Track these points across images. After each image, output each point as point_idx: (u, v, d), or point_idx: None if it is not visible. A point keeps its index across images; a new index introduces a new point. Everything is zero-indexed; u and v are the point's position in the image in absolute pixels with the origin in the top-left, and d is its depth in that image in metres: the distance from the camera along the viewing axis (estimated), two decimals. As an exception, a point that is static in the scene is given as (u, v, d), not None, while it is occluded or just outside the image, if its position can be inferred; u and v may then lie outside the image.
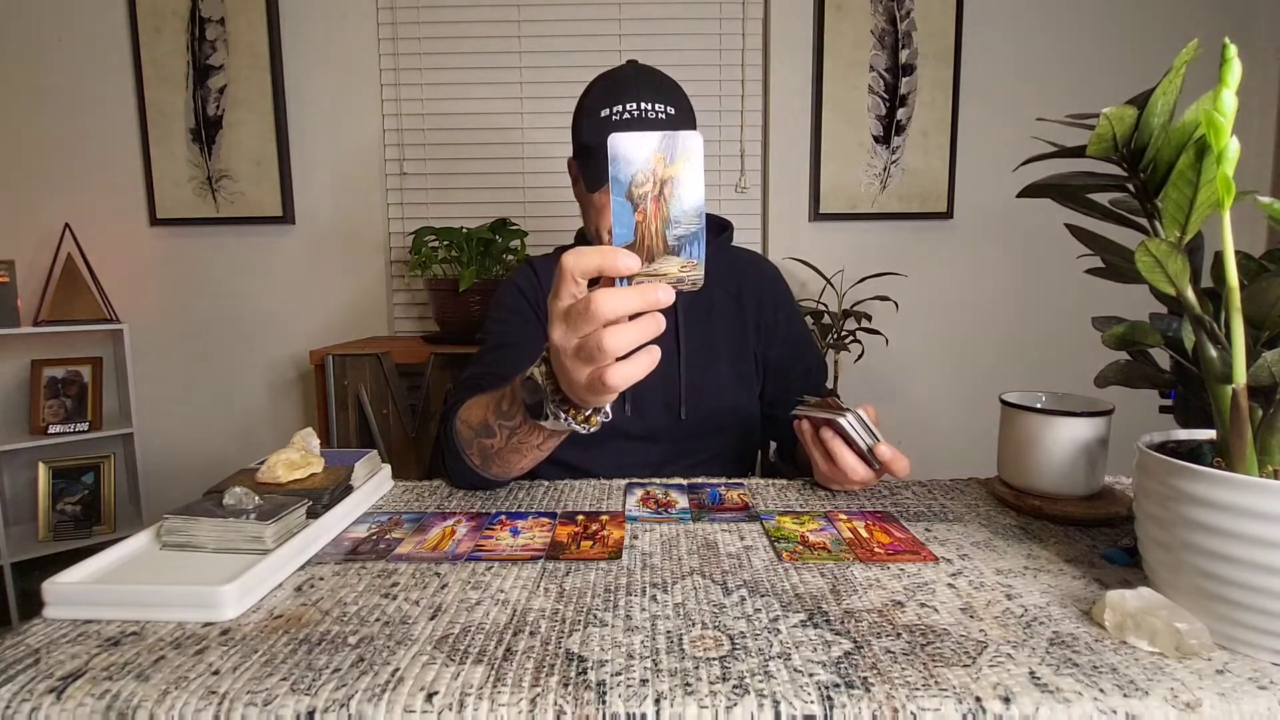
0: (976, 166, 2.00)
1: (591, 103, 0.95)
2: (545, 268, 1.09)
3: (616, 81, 0.95)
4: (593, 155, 0.94)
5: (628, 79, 0.94)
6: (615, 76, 0.96)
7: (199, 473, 2.06)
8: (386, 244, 2.06)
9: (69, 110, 1.96)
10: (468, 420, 0.77)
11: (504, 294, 1.07)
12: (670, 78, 0.98)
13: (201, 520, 0.58)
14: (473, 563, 0.59)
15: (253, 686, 0.40)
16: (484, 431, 0.73)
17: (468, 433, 0.76)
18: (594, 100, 0.95)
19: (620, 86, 0.93)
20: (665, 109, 0.92)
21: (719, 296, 1.05)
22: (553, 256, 1.14)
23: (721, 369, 1.01)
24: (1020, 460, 0.71)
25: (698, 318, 1.03)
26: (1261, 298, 0.45)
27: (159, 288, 2.04)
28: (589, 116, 0.94)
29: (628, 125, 0.91)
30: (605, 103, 0.93)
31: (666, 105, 0.92)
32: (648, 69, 0.97)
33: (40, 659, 0.44)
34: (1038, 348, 2.07)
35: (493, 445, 0.73)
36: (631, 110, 0.91)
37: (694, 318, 1.03)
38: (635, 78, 0.94)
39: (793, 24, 1.96)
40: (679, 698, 0.39)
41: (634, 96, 0.91)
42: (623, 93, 0.92)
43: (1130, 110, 0.48)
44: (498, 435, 0.72)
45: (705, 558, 0.60)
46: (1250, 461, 0.45)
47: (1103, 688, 0.40)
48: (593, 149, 0.94)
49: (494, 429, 0.72)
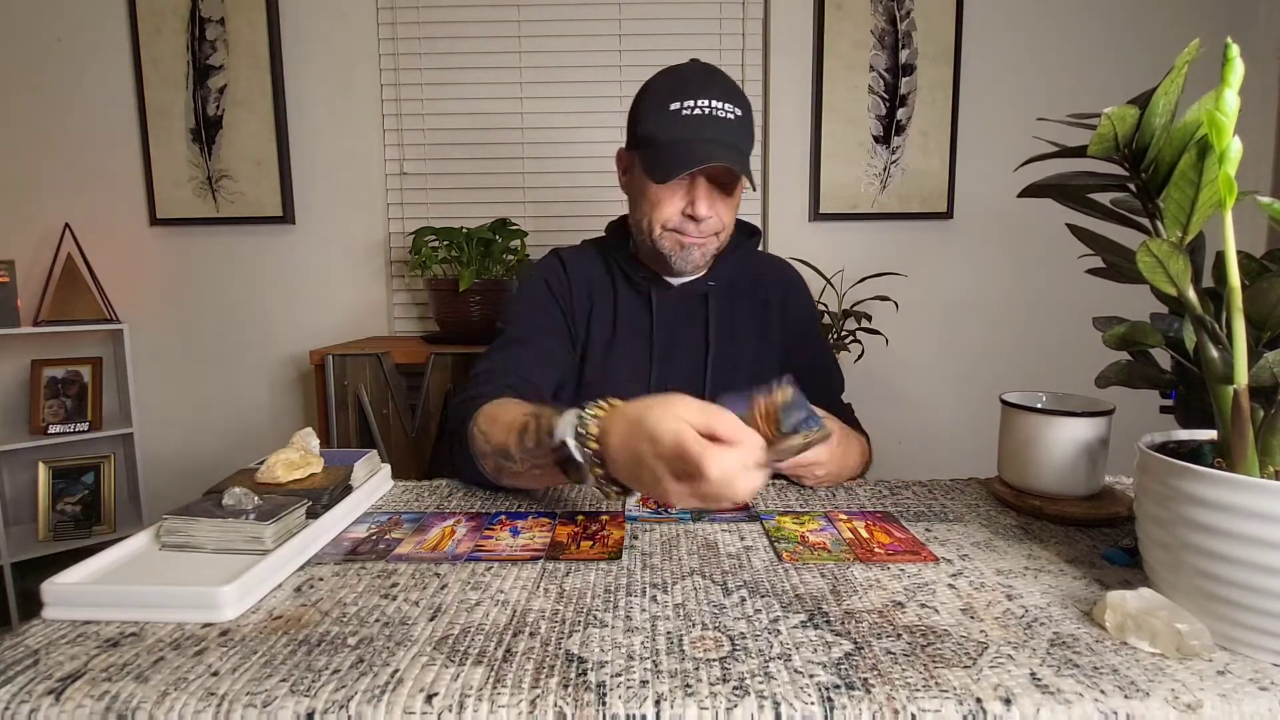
0: (976, 166, 2.00)
1: (658, 95, 0.93)
2: (575, 261, 1.06)
3: (686, 77, 0.93)
4: (659, 147, 0.92)
5: (698, 75, 0.93)
6: (683, 72, 0.95)
7: (199, 473, 2.05)
8: (386, 244, 2.05)
9: (69, 110, 1.95)
10: (488, 435, 0.74)
11: (532, 287, 1.03)
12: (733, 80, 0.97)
13: (201, 520, 0.58)
14: (472, 563, 0.59)
15: (252, 688, 0.40)
16: (504, 455, 0.71)
17: (485, 445, 0.74)
18: (661, 93, 0.93)
19: (690, 82, 0.92)
20: (734, 110, 0.91)
21: (745, 300, 1.06)
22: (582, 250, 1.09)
23: (744, 372, 1.02)
24: (1021, 460, 0.71)
25: (725, 323, 1.04)
26: (1263, 298, 0.45)
27: (159, 288, 2.04)
28: (657, 109, 0.92)
29: (698, 121, 0.90)
30: (675, 97, 0.91)
31: (735, 107, 0.92)
32: (714, 68, 0.96)
33: (39, 660, 0.44)
34: (1038, 348, 2.07)
35: (511, 468, 0.71)
36: (703, 106, 0.90)
37: (722, 323, 1.03)
38: (706, 76, 0.93)
39: (793, 24, 1.96)
40: (679, 699, 0.39)
41: (705, 94, 0.90)
42: (693, 88, 0.91)
43: (1132, 110, 0.48)
44: (518, 463, 0.70)
45: (705, 558, 0.60)
46: (1251, 462, 0.45)
47: (1104, 689, 0.40)
48: (659, 142, 0.92)
49: (515, 457, 0.69)
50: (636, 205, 0.99)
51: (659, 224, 0.96)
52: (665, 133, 0.91)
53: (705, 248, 0.97)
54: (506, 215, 1.91)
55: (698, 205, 0.93)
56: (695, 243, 0.96)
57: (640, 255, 1.03)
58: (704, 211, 0.93)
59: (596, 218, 2.02)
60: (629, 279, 1.03)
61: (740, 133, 0.92)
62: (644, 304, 1.03)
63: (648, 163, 0.94)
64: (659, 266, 1.01)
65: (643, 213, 0.98)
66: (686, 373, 1.00)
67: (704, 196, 0.93)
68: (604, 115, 2.01)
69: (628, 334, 1.01)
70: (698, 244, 0.96)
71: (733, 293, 1.05)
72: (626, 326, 1.02)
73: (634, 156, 0.97)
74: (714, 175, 0.92)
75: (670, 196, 0.94)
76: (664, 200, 0.95)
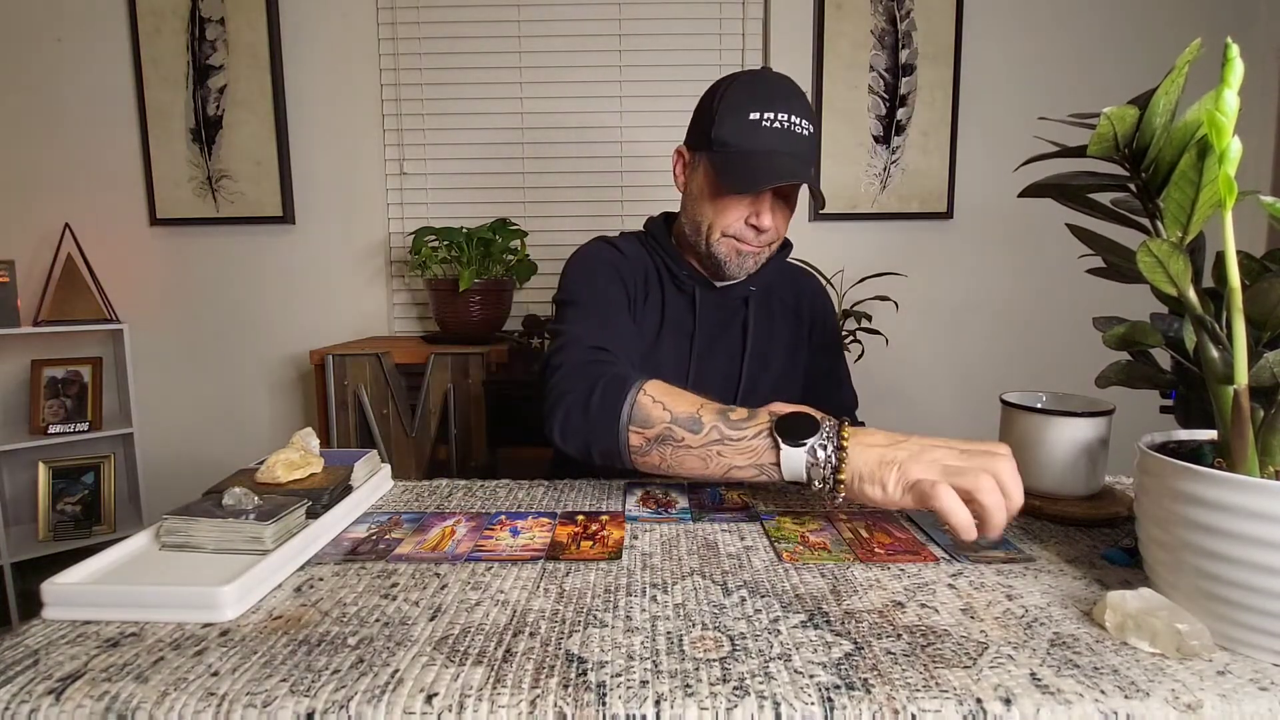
0: (976, 166, 2.00)
1: (739, 102, 0.91)
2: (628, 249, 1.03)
3: (767, 85, 0.92)
4: (735, 155, 0.91)
5: (780, 86, 0.92)
6: (764, 79, 0.94)
7: (199, 473, 2.05)
8: (386, 244, 2.05)
9: (69, 110, 1.95)
10: (664, 403, 0.72)
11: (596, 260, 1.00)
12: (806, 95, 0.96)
13: (201, 520, 0.58)
14: (472, 563, 0.59)
15: (252, 688, 0.40)
16: (691, 424, 0.69)
17: (659, 413, 0.71)
18: (741, 100, 0.91)
19: (772, 91, 0.91)
20: (809, 126, 0.91)
21: (779, 306, 1.07)
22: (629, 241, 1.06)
23: (776, 373, 1.05)
24: (1021, 460, 0.70)
25: (763, 324, 1.05)
26: (1263, 298, 0.45)
27: (159, 288, 2.04)
28: (735, 115, 0.90)
29: (779, 135, 0.89)
30: (756, 106, 0.90)
31: (809, 124, 0.92)
32: (791, 80, 0.95)
33: (39, 660, 0.44)
34: (1038, 348, 2.07)
35: (693, 441, 0.69)
36: (783, 120, 0.89)
37: (760, 324, 1.05)
38: (787, 88, 0.92)
39: (793, 24, 1.96)
40: (679, 699, 0.39)
41: (785, 108, 0.90)
42: (775, 100, 0.90)
43: (1132, 110, 0.48)
44: (704, 433, 0.69)
45: (705, 558, 0.60)
46: (1251, 462, 0.45)
47: (1104, 689, 0.40)
48: (735, 149, 0.91)
49: (706, 426, 0.69)
50: (697, 207, 0.98)
51: (720, 229, 0.95)
52: (744, 141, 0.90)
53: (759, 256, 0.98)
54: (506, 215, 1.91)
55: (763, 217, 0.93)
56: (752, 251, 0.96)
57: (686, 253, 1.03)
58: (768, 223, 0.93)
59: (597, 217, 2.03)
60: (674, 276, 1.03)
61: (813, 151, 0.93)
62: (688, 303, 1.03)
63: (720, 168, 0.92)
64: (706, 267, 1.00)
65: (704, 215, 0.97)
66: (724, 373, 1.02)
67: (771, 208, 0.93)
68: (604, 115, 2.01)
69: (671, 330, 1.02)
70: (754, 253, 0.97)
71: (769, 299, 1.07)
72: (671, 322, 1.02)
73: (701, 158, 0.96)
74: (781, 189, 0.93)
75: (736, 204, 0.94)
76: (730, 207, 0.94)
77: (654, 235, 1.06)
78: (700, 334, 1.01)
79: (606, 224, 2.03)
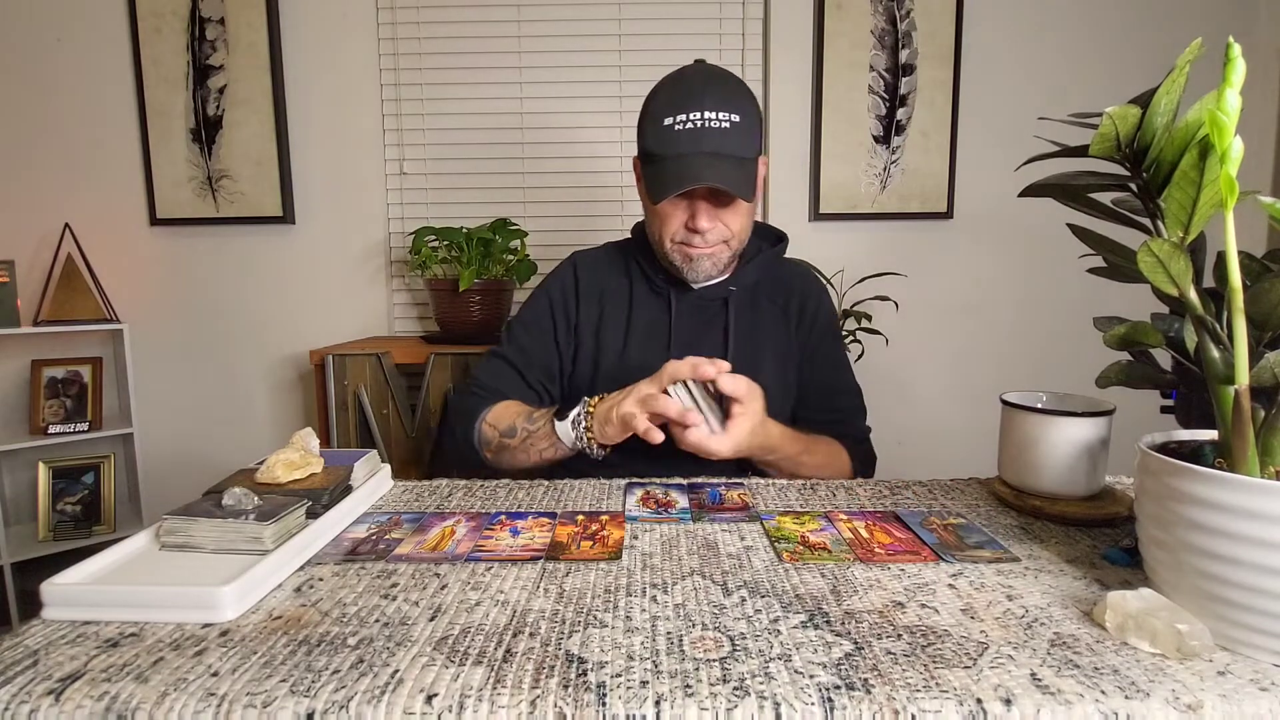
0: (976, 166, 2.00)
1: (657, 109, 0.93)
2: (591, 267, 1.08)
3: (681, 86, 0.92)
4: (656, 164, 0.92)
5: (693, 84, 0.92)
6: (680, 80, 0.94)
7: (199, 473, 2.05)
8: (386, 244, 2.05)
9: (69, 110, 1.95)
10: (495, 424, 0.96)
11: (537, 301, 1.09)
12: (738, 81, 0.95)
13: (200, 521, 0.58)
14: (472, 563, 0.59)
15: (252, 688, 0.40)
16: (509, 433, 0.94)
17: (491, 432, 0.96)
18: (659, 106, 0.92)
19: (685, 93, 0.91)
20: (729, 117, 0.90)
21: (767, 307, 1.06)
22: (601, 254, 1.11)
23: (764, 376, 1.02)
24: (1021, 460, 0.70)
25: (745, 328, 1.04)
26: (1264, 298, 0.45)
27: (159, 288, 2.04)
28: (654, 123, 0.92)
29: (689, 136, 0.89)
30: (670, 110, 0.91)
31: (730, 114, 0.90)
32: (715, 72, 0.95)
33: (39, 660, 0.44)
34: (1038, 348, 2.07)
35: (511, 443, 0.93)
36: (695, 120, 0.89)
37: (742, 328, 1.03)
38: (702, 83, 0.92)
39: (793, 24, 1.96)
40: (679, 699, 0.39)
41: (698, 105, 0.89)
42: (688, 99, 0.90)
43: (1134, 109, 0.48)
44: (518, 435, 0.93)
45: (705, 558, 0.60)
46: (1252, 462, 0.45)
47: (1104, 689, 0.40)
48: (657, 157, 0.92)
49: (518, 430, 0.93)
50: (647, 217, 1.01)
51: (667, 238, 0.97)
52: (661, 148, 0.91)
53: (715, 257, 0.98)
54: (506, 215, 1.91)
55: (698, 219, 0.93)
56: (704, 253, 0.97)
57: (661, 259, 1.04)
58: (704, 224, 0.93)
59: (596, 218, 2.03)
60: (650, 281, 1.04)
61: (738, 139, 0.91)
62: (664, 306, 1.03)
63: (648, 179, 0.94)
64: (678, 272, 1.01)
65: (652, 226, 0.99)
66: None
67: (704, 210, 0.93)
68: (604, 115, 2.01)
69: (644, 336, 1.02)
70: (707, 254, 0.97)
71: (755, 298, 1.05)
72: (643, 329, 1.03)
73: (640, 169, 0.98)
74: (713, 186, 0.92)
75: (673, 210, 0.95)
76: (668, 215, 0.95)
77: (634, 241, 1.08)
78: (678, 338, 1.01)
79: (606, 224, 2.03)
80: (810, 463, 0.93)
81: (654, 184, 0.93)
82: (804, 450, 0.92)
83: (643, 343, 1.02)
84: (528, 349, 1.06)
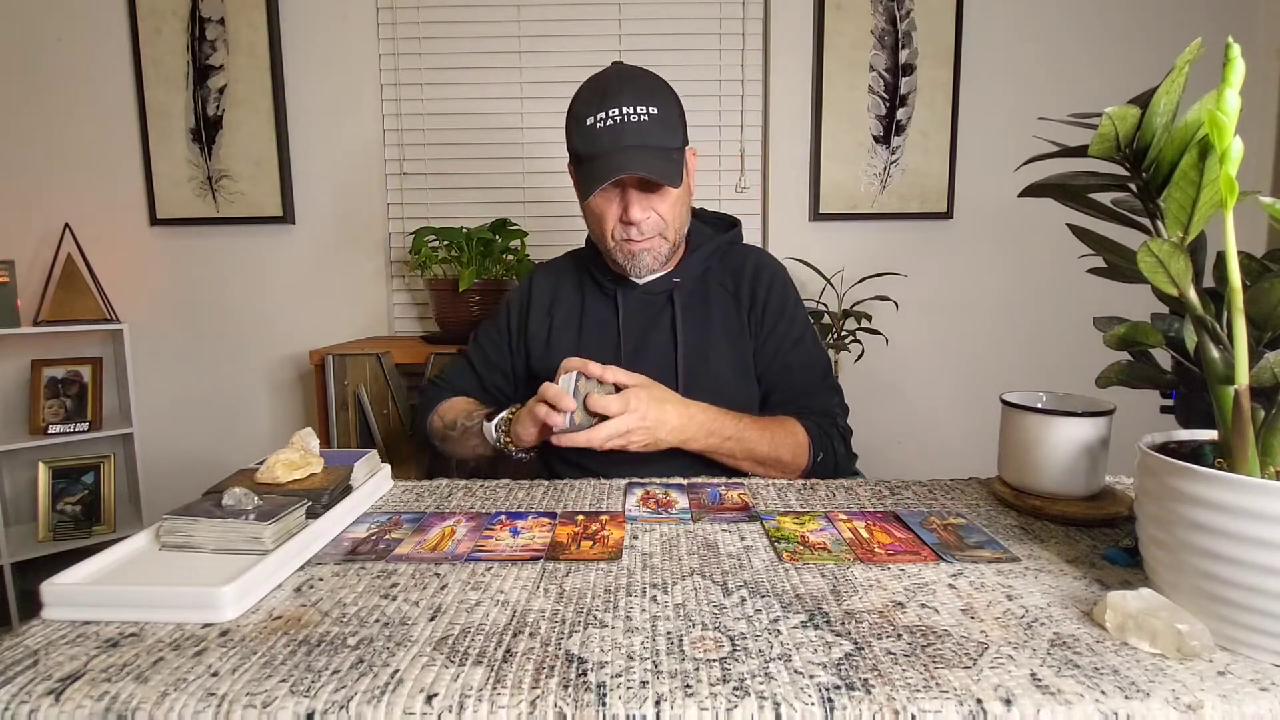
0: (976, 166, 2.00)
1: (579, 110, 0.96)
2: (544, 277, 1.13)
3: (598, 87, 0.95)
4: (584, 163, 0.95)
5: (609, 82, 0.95)
6: (599, 82, 0.96)
7: (199, 473, 2.05)
8: (386, 244, 2.05)
9: (69, 110, 1.95)
10: (443, 417, 1.07)
11: (501, 309, 1.15)
12: (655, 77, 0.98)
13: (200, 521, 0.58)
14: (472, 563, 0.59)
15: (252, 688, 0.40)
16: (451, 426, 1.04)
17: (439, 424, 1.07)
18: (581, 107, 0.95)
19: (603, 92, 0.94)
20: (647, 110, 0.92)
21: (717, 293, 1.06)
22: (556, 263, 1.17)
23: (719, 364, 1.02)
24: (1021, 460, 0.70)
25: (695, 315, 1.04)
26: (1264, 298, 0.45)
27: (159, 288, 2.03)
28: (577, 125, 0.95)
29: (610, 132, 0.92)
30: (590, 110, 0.94)
31: (648, 107, 0.93)
32: (631, 70, 0.97)
33: (39, 660, 0.44)
34: (1038, 348, 2.07)
35: (453, 435, 1.04)
36: (614, 116, 0.92)
37: (691, 316, 1.03)
38: (618, 82, 0.94)
39: (793, 24, 1.96)
40: (679, 700, 0.39)
41: (615, 102, 0.92)
42: (605, 99, 0.93)
43: (1133, 110, 0.48)
44: (458, 430, 1.02)
45: (705, 558, 0.60)
46: (1252, 462, 0.45)
47: (1104, 689, 0.40)
48: (584, 157, 0.95)
49: (458, 425, 1.02)
50: (587, 222, 1.04)
51: (607, 236, 0.99)
52: (586, 147, 0.94)
53: (654, 249, 0.99)
54: (506, 215, 1.91)
55: (630, 210, 0.95)
56: (642, 247, 0.98)
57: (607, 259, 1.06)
58: (637, 215, 0.95)
59: (596, 218, 2.03)
60: (597, 283, 1.07)
61: (659, 131, 0.93)
62: (612, 306, 1.05)
63: (577, 180, 0.98)
64: (623, 270, 1.03)
65: (591, 226, 1.03)
66: (658, 371, 0.95)
67: (635, 200, 0.95)
68: (604, 115, 2.00)
69: (594, 336, 1.04)
70: (646, 247, 0.99)
71: (706, 287, 1.06)
72: (593, 329, 1.05)
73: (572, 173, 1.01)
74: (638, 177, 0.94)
75: (606, 207, 0.97)
76: (602, 212, 0.98)
77: (587, 247, 1.13)
78: (627, 335, 1.03)
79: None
80: (758, 438, 0.91)
81: (581, 182, 0.96)
82: (745, 427, 0.90)
83: (595, 343, 1.04)
84: (487, 352, 1.14)
